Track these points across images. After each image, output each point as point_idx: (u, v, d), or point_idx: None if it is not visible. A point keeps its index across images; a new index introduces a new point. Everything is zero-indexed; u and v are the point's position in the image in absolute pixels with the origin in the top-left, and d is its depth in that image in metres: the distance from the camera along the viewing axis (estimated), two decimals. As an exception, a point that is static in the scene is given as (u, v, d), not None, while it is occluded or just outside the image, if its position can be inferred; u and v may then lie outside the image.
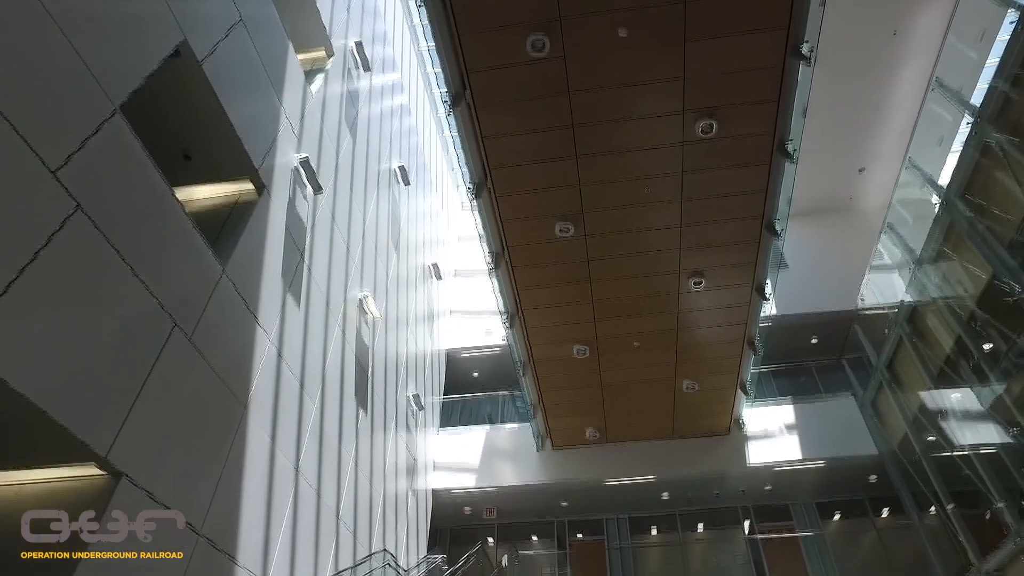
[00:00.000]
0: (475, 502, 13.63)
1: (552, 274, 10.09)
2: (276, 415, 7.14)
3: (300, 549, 7.34)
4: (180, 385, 5.53)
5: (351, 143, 10.37)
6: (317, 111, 9.05)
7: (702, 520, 14.00)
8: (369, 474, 9.76)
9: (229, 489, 6.09)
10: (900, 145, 14.29)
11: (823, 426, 12.85)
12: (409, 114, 14.60)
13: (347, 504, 8.83)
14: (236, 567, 6.02)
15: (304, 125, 8.49)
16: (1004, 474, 9.13)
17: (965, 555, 9.92)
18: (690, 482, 13.16)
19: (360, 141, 10.87)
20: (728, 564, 13.27)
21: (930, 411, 10.77)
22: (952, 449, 10.11)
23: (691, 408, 12.60)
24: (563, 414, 12.85)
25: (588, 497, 13.55)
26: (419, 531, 12.09)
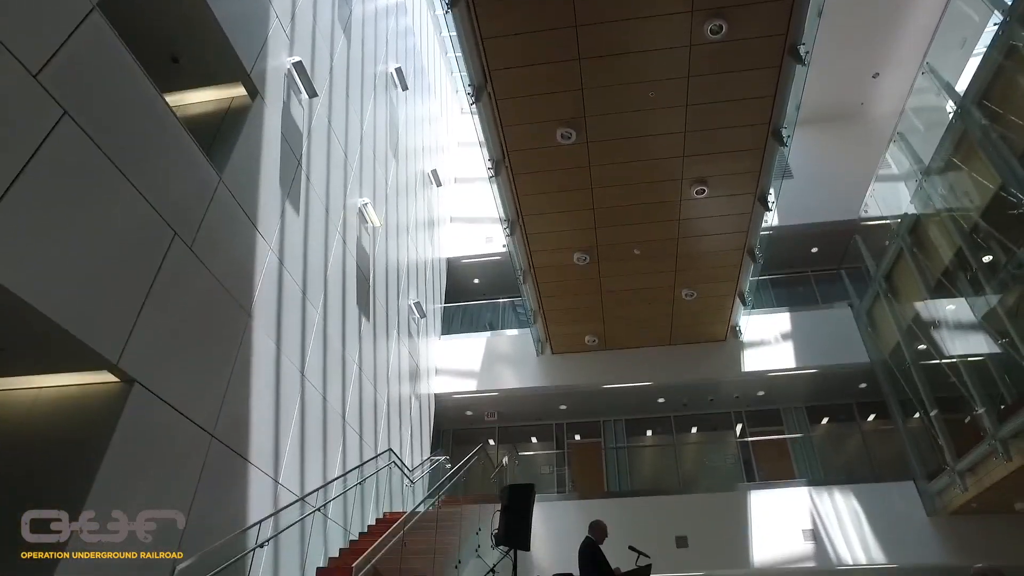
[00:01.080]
0: (476, 405, 14.11)
1: (553, 181, 9.96)
2: (280, 322, 7.27)
3: (309, 450, 7.68)
4: (184, 294, 5.60)
5: (345, 45, 9.97)
6: (308, 10, 8.65)
7: (696, 423, 14.55)
8: (373, 379, 10.06)
9: (238, 393, 6.30)
10: (917, 50, 13.72)
11: (818, 335, 13.10)
12: (405, 13, 13.95)
13: (352, 407, 9.15)
14: (249, 466, 6.33)
15: (295, 25, 8.14)
16: (988, 382, 9.41)
17: (942, 456, 10.38)
18: (686, 387, 13.56)
19: (355, 43, 10.44)
20: (719, 464, 13.92)
21: (923, 321, 10.94)
22: (941, 358, 10.35)
23: (689, 316, 12.80)
24: (563, 321, 13.07)
25: (586, 401, 14.01)
26: (423, 433, 12.60)
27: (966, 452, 9.78)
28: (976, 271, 9.30)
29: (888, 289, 11.93)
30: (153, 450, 5.09)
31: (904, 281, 11.55)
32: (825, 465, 12.99)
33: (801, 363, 12.90)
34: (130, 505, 4.74)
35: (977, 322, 9.46)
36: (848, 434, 13.82)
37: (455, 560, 8.17)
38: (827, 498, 11.32)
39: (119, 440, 4.65)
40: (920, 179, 10.58)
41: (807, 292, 14.71)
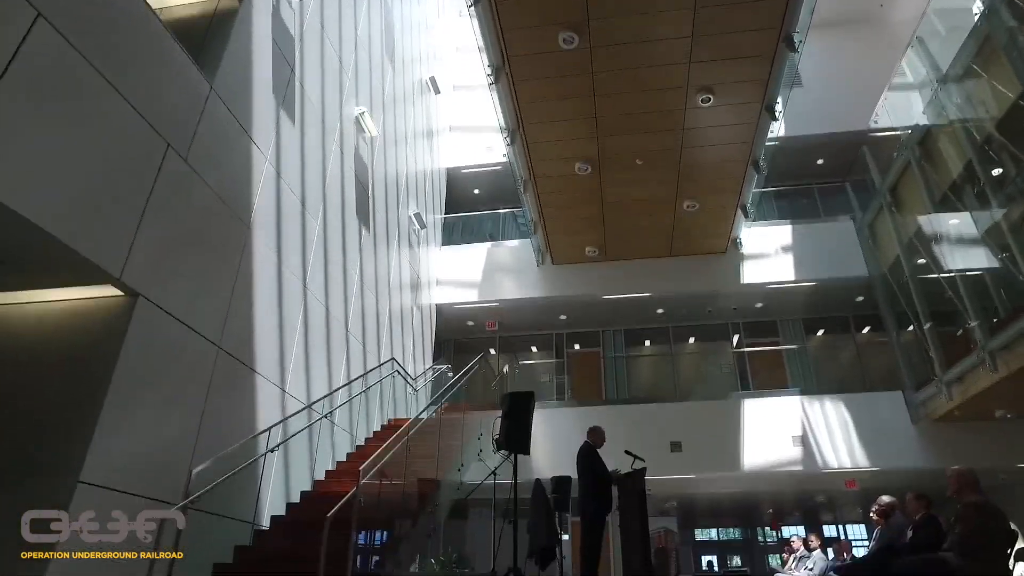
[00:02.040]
0: (477, 316, 14.30)
1: (555, 88, 9.64)
2: (280, 234, 7.25)
3: (314, 360, 7.86)
4: (182, 207, 5.55)
5: (337, -62, 9.39)
6: (296, -101, 8.08)
7: (694, 334, 14.80)
8: (375, 290, 10.14)
9: (242, 306, 6.37)
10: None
11: (818, 248, 13.08)
12: (400, -99, 13.04)
13: (355, 318, 9.28)
14: (257, 376, 6.50)
15: (283, -83, 7.63)
16: (984, 296, 9.48)
17: (931, 367, 10.64)
18: (685, 298, 13.69)
19: (346, -64, 9.83)
20: (715, 373, 14.27)
21: (925, 235, 10.89)
22: (939, 272, 10.38)
23: (690, 227, 12.73)
24: (563, 231, 13.01)
25: (586, 311, 14.18)
26: (424, 343, 12.84)
27: (955, 363, 10.01)
28: (984, 185, 9.16)
29: (892, 202, 11.80)
30: (162, 363, 5.20)
31: (909, 194, 11.41)
32: (818, 375, 13.33)
33: (800, 276, 12.97)
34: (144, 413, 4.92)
35: (979, 237, 9.41)
36: (842, 346, 14.09)
37: (458, 463, 8.54)
38: (817, 407, 11.69)
39: (127, 353, 4.75)
40: (936, 87, 10.23)
41: (810, 205, 14.56)
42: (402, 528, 6.38)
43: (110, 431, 4.53)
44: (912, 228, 11.25)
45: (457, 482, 8.46)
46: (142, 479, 4.81)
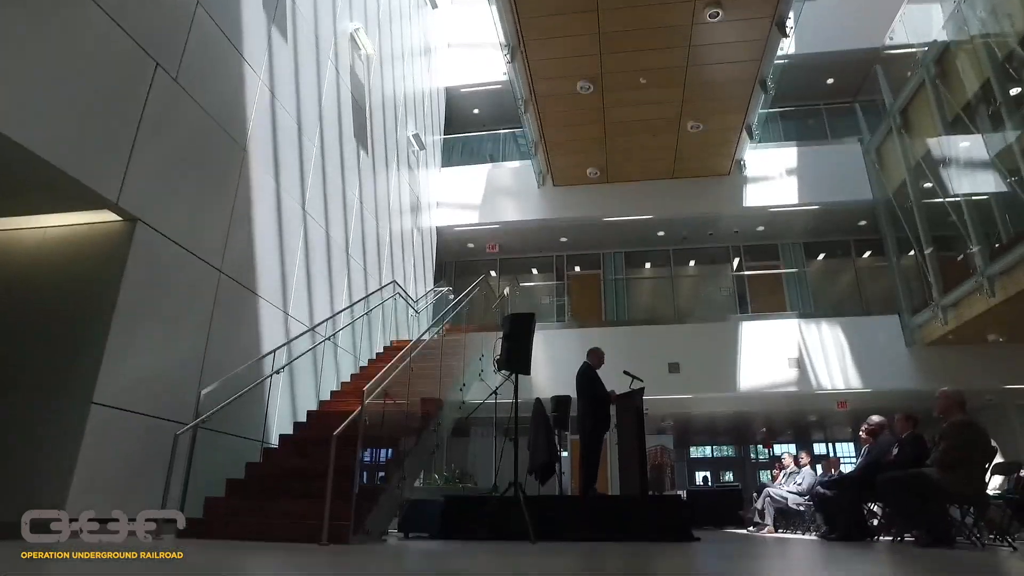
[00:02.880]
0: (478, 238, 14.27)
1: (556, 1, 9.24)
2: (277, 157, 7.13)
3: (315, 283, 7.90)
4: (175, 129, 5.43)
5: None
6: None
7: (694, 257, 14.81)
8: (374, 212, 10.07)
9: (242, 230, 6.34)
10: None
11: (823, 171, 12.88)
12: None
13: (355, 241, 9.26)
14: (259, 300, 6.55)
15: None
16: (988, 221, 9.42)
17: (929, 292, 10.71)
18: (686, 221, 13.62)
19: None
20: (714, 295, 14.37)
21: (933, 158, 10.69)
22: (945, 197, 10.26)
23: (694, 149, 12.51)
24: (565, 152, 12.79)
25: (587, 233, 14.14)
26: (425, 265, 12.87)
27: (952, 289, 10.06)
28: (999, 105, 8.91)
29: (902, 124, 11.53)
30: (165, 286, 5.24)
31: (920, 116, 11.12)
32: (816, 299, 13.43)
33: (804, 199, 12.84)
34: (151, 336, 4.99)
35: (989, 160, 9.25)
36: (842, 270, 14.12)
37: (460, 383, 8.73)
38: (814, 330, 11.85)
39: (130, 277, 4.78)
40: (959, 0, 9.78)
41: (817, 126, 14.22)
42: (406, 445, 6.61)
43: (119, 354, 4.62)
44: (920, 151, 11.04)
45: (459, 402, 8.68)
46: (152, 400, 4.95)
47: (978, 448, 5.36)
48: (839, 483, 6.93)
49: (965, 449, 5.27)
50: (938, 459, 5.31)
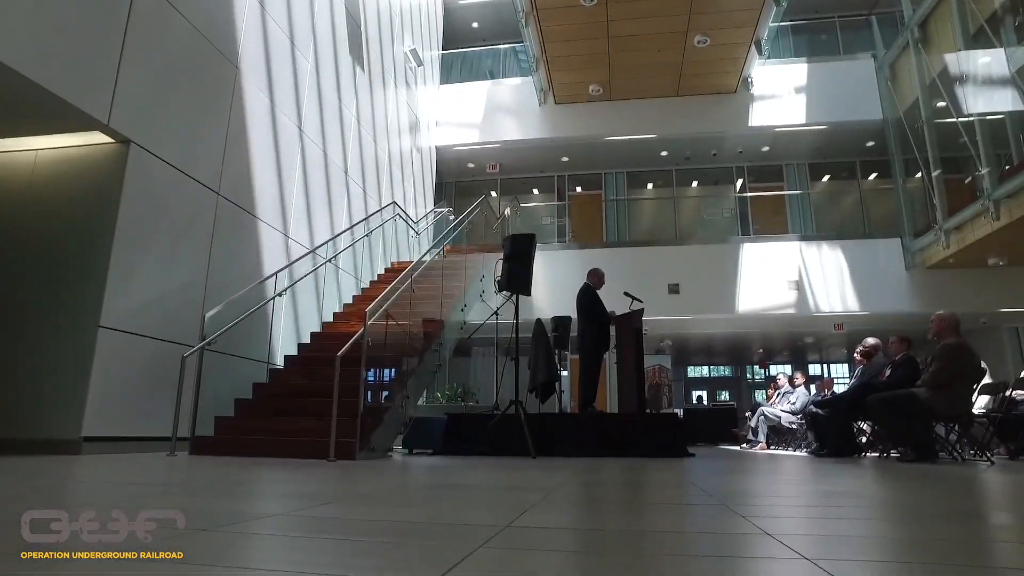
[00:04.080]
0: (478, 157, 14.03)
1: (563, -95, 8.72)
2: (271, 75, 6.92)
3: (314, 205, 7.84)
4: (163, 46, 5.25)
5: None
6: None
7: (697, 177, 14.61)
8: (372, 132, 9.87)
9: (237, 151, 6.24)
10: None
11: (833, 89, 12.49)
12: None
13: (354, 162, 9.13)
14: (259, 222, 6.52)
15: None
16: (1000, 142, 9.20)
17: (933, 215, 10.62)
18: (690, 140, 13.35)
19: None
20: (716, 217, 14.27)
21: (950, 75, 10.32)
22: (958, 116, 9.98)
23: (700, 65, 12.09)
24: (566, 68, 12.39)
25: (588, 153, 13.89)
26: (425, 186, 12.73)
27: (957, 211, 9.98)
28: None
29: (920, 38, 11.08)
30: (163, 210, 5.21)
31: (940, 29, 10.66)
32: (818, 221, 13.33)
33: (811, 119, 12.53)
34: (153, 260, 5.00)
35: (1009, 76, 8.93)
36: (846, 192, 13.96)
37: (461, 304, 8.82)
38: (815, 252, 11.83)
39: (128, 201, 4.74)
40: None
41: (830, 41, 13.67)
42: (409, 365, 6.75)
43: (122, 278, 4.65)
44: (937, 68, 10.66)
45: (460, 322, 8.79)
46: (158, 323, 5.02)
47: (967, 369, 5.52)
48: (832, 403, 7.12)
49: (955, 370, 5.41)
50: (928, 380, 5.47)
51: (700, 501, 2.56)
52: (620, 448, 5.99)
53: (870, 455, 6.56)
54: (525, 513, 1.95)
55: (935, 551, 1.50)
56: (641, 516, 2.16)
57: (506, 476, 3.73)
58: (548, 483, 3.26)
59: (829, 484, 3.46)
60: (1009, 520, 2.26)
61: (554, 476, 3.69)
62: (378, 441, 5.47)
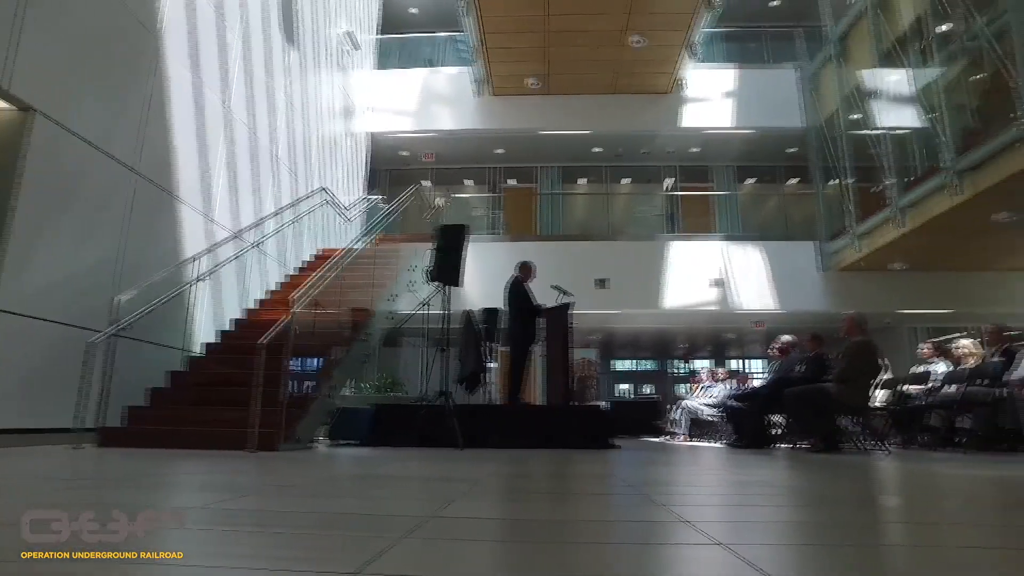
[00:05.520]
0: (412, 146, 13.84)
1: None
2: (195, 48, 6.60)
3: (241, 188, 7.55)
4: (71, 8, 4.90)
5: None
6: None
7: (628, 174, 14.90)
8: (304, 115, 9.58)
9: (157, 128, 5.92)
10: None
11: (760, 95, 12.97)
12: None
13: (283, 144, 8.83)
14: (179, 203, 6.22)
15: None
16: (906, 155, 9.85)
17: (847, 220, 11.24)
18: (623, 138, 13.59)
19: None
20: (646, 214, 14.60)
21: (865, 90, 10.93)
22: (871, 129, 10.60)
23: (635, 64, 12.31)
24: (505, 59, 12.35)
25: (523, 146, 13.92)
26: (357, 172, 12.45)
27: (867, 217, 10.59)
28: (930, 40, 9.11)
29: (840, 53, 11.66)
30: (73, 186, 4.89)
31: (858, 46, 11.26)
32: (743, 222, 13.86)
33: (739, 123, 12.98)
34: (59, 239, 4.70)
35: (914, 95, 9.54)
36: (769, 195, 14.56)
37: (391, 293, 8.71)
38: (739, 251, 12.29)
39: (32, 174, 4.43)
40: (903, -72, 9.75)
41: (758, 49, 14.19)
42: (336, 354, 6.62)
43: (23, 257, 4.35)
44: (854, 81, 11.25)
45: (390, 312, 8.68)
46: (62, 306, 4.72)
47: (870, 365, 5.91)
48: (749, 396, 7.44)
49: (859, 366, 5.78)
50: (836, 375, 5.82)
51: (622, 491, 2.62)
52: (547, 440, 6.06)
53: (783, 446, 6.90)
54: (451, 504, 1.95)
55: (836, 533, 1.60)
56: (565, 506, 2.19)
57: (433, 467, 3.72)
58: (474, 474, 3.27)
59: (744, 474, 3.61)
60: (899, 503, 2.48)
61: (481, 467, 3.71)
62: (302, 432, 5.34)
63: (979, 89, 8.84)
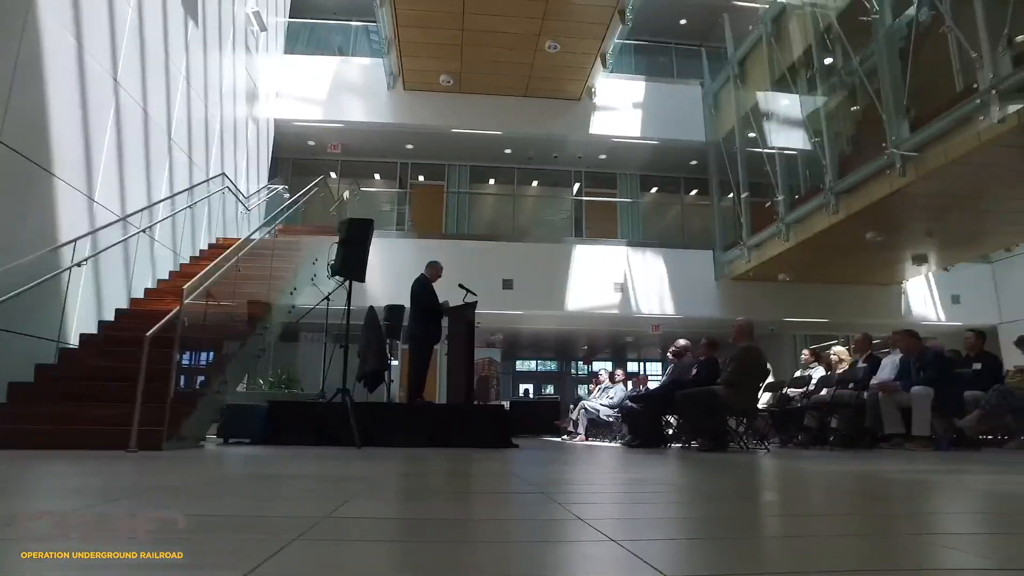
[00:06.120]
0: (320, 136, 13.41)
1: None
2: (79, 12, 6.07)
3: (129, 168, 7.02)
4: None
5: None
6: None
7: (537, 177, 15.13)
8: (204, 95, 9.06)
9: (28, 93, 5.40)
10: None
11: (666, 108, 13.53)
12: None
13: (180, 125, 8.31)
14: (55, 180, 5.71)
15: None
16: (793, 175, 10.62)
17: (740, 232, 11.93)
18: (533, 141, 13.76)
19: None
20: (552, 217, 14.89)
21: (759, 111, 11.65)
22: (763, 148, 11.32)
23: (549, 69, 12.50)
24: (419, 54, 12.21)
25: (434, 143, 13.81)
26: (260, 160, 11.90)
27: (759, 231, 11.28)
28: (815, 71, 9.83)
29: (739, 74, 12.35)
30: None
31: (755, 69, 11.97)
32: (645, 229, 14.41)
33: (645, 133, 13.47)
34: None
35: (801, 119, 10.26)
36: (670, 204, 15.22)
37: (291, 287, 8.42)
38: (640, 257, 12.75)
39: None
40: (797, -35, 10.46)
41: (666, 64, 14.79)
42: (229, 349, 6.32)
43: None
44: (750, 102, 11.95)
45: (289, 305, 8.39)
46: None
47: (757, 369, 6.31)
48: (644, 398, 7.72)
49: (747, 370, 6.15)
50: (725, 378, 6.15)
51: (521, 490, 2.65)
52: (447, 439, 6.05)
53: (675, 445, 7.22)
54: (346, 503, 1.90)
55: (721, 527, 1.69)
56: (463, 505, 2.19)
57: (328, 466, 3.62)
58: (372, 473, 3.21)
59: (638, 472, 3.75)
60: (776, 498, 2.66)
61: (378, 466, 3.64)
62: (189, 430, 5.06)
63: (855, 119, 9.67)
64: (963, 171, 7.38)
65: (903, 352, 6.63)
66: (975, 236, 10.18)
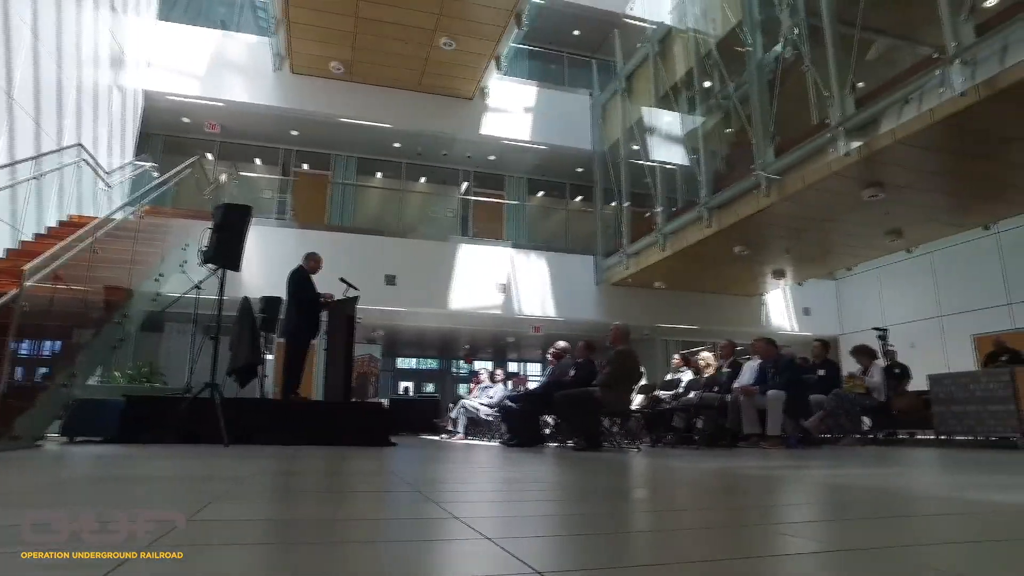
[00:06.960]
0: (196, 113, 12.52)
1: None
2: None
3: (-39, 129, 6.22)
4: None
5: None
6: None
7: (426, 174, 15.00)
8: (57, 55, 8.17)
9: None
10: None
11: (556, 115, 13.85)
12: None
13: (25, 85, 7.45)
14: None
15: None
16: (672, 188, 11.26)
17: (620, 239, 12.46)
18: (424, 137, 13.61)
19: None
20: (440, 215, 14.81)
21: (643, 125, 12.24)
22: (646, 161, 11.90)
23: (443, 66, 12.43)
24: (309, 37, 11.72)
25: (320, 131, 13.32)
26: (125, 133, 10.90)
27: (637, 239, 11.83)
28: (696, 92, 10.46)
29: (626, 89, 12.88)
30: None
31: (640, 85, 12.54)
32: (531, 232, 14.69)
33: (534, 138, 13.72)
34: None
35: (681, 137, 10.88)
36: (556, 209, 15.63)
37: (156, 273, 7.81)
38: (524, 259, 12.97)
39: None
40: (685, -7, 11.08)
41: (558, 72, 15.18)
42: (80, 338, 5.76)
43: None
44: (635, 116, 12.51)
45: (154, 293, 7.78)
46: None
47: (631, 371, 6.60)
48: (523, 398, 7.85)
49: (622, 373, 6.42)
50: (602, 380, 6.38)
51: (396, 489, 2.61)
52: (323, 436, 5.86)
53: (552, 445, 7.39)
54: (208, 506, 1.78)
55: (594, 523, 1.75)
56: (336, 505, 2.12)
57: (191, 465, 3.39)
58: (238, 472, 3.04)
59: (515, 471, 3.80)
60: (646, 494, 2.79)
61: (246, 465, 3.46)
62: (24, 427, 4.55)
63: (729, 140, 10.41)
64: (816, 196, 8.18)
65: (761, 358, 7.18)
66: (823, 255, 11.28)
